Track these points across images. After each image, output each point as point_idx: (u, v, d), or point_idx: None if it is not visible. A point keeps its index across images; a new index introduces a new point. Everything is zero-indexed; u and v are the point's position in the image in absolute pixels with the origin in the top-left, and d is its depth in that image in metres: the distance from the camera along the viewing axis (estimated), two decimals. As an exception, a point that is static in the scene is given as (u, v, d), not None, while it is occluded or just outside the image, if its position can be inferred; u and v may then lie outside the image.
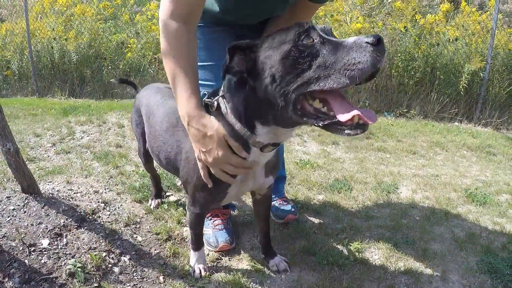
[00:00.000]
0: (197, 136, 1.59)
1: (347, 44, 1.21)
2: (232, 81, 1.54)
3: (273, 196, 2.76)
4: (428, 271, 2.26)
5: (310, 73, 1.26)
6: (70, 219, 2.38)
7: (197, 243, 2.15)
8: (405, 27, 6.30)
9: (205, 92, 1.69)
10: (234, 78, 1.50)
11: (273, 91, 1.34)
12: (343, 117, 1.24)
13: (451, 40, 6.31)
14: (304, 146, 4.28)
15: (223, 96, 1.59)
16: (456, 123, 6.02)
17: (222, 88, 1.62)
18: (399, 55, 6.27)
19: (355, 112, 1.24)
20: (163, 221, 2.64)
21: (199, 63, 1.78)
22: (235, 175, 1.68)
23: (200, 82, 1.72)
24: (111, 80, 2.48)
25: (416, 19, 6.41)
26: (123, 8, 8.12)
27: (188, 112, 1.58)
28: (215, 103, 1.60)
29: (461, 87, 6.00)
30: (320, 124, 1.30)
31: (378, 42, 1.16)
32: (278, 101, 1.33)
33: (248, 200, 2.94)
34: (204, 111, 1.59)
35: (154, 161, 2.67)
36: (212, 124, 1.55)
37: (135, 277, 2.09)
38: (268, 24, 2.08)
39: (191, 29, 1.61)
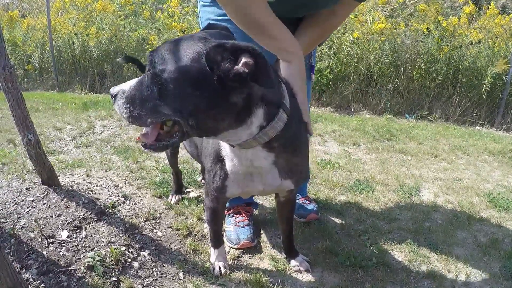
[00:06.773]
0: None
1: None
2: None
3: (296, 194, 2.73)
4: (451, 275, 2.21)
5: None
6: (90, 212, 2.38)
7: (216, 240, 2.12)
8: (427, 28, 6.21)
9: None
10: None
11: None
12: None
13: (473, 43, 6.21)
14: (325, 146, 4.23)
15: None
16: (477, 127, 5.93)
17: None
18: (421, 56, 6.18)
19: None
20: (183, 217, 2.62)
21: None
22: None
23: None
24: (118, 59, 2.51)
25: (439, 21, 6.32)
26: (144, 6, 8.14)
27: None
28: None
29: (483, 90, 5.90)
30: None
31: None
32: None
33: (269, 198, 2.92)
34: None
35: (177, 157, 2.73)
36: None
37: (155, 273, 2.07)
38: (305, 18, 2.06)
39: None
